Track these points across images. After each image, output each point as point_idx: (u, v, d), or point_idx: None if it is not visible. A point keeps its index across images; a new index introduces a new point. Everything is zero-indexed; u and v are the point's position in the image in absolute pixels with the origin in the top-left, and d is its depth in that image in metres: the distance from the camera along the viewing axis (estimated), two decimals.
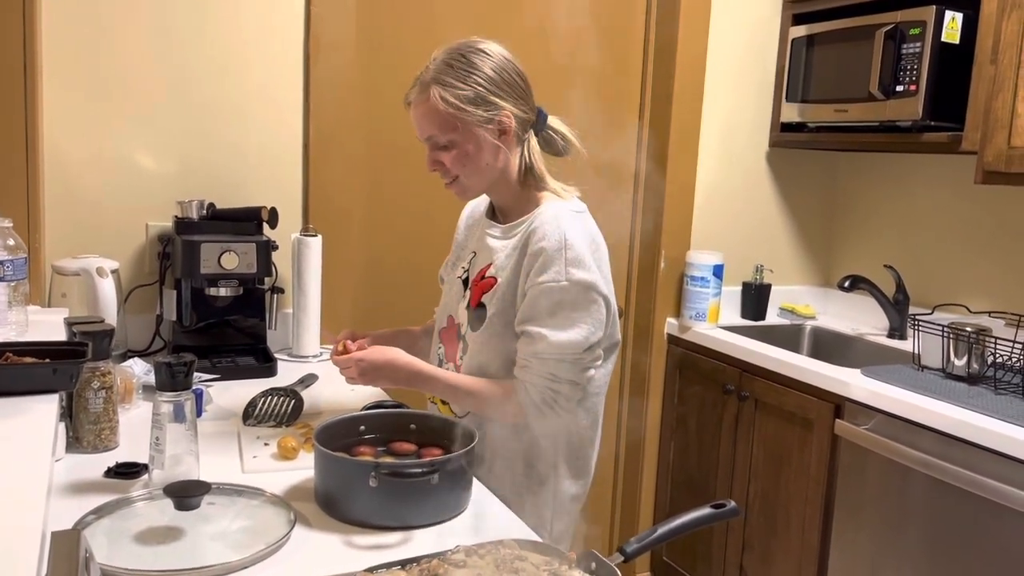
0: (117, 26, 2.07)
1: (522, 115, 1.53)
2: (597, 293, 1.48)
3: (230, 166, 2.23)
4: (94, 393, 1.43)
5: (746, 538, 2.51)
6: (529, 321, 1.48)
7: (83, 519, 1.16)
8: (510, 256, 1.54)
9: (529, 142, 1.57)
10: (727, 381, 2.55)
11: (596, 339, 1.49)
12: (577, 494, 1.63)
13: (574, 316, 1.46)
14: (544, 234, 1.48)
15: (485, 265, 1.59)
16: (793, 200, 2.98)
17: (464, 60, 1.50)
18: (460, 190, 1.59)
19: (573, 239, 1.47)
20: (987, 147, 2.10)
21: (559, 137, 1.60)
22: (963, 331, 2.11)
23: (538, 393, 1.48)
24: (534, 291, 1.47)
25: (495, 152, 1.52)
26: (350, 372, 1.53)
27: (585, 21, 2.65)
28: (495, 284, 1.55)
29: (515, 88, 1.52)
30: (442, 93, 1.48)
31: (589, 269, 1.47)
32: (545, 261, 1.46)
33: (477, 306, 1.57)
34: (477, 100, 1.48)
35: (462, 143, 1.51)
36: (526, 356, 1.49)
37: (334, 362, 1.56)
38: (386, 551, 1.16)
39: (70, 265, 1.96)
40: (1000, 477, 1.77)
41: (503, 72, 1.51)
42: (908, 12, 2.31)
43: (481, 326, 1.55)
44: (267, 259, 2.05)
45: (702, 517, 1.11)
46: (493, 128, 1.50)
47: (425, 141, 1.55)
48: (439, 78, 1.49)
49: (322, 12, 2.25)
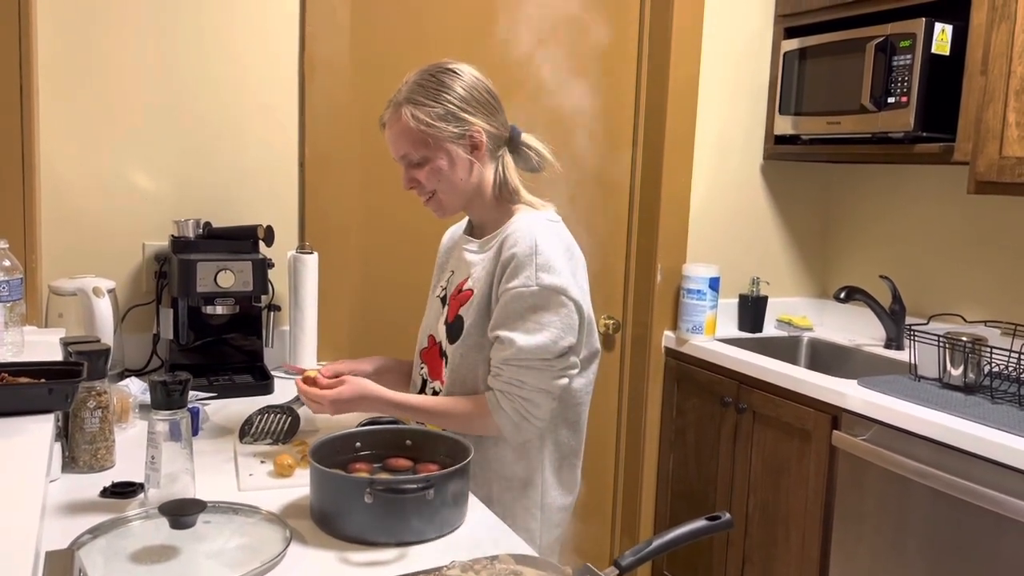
0: (113, 46, 2.09)
1: (493, 131, 1.57)
2: (568, 298, 1.49)
3: (226, 185, 2.24)
4: (90, 413, 1.43)
5: (746, 550, 2.50)
6: (500, 327, 1.50)
7: (79, 539, 1.16)
8: (485, 267, 1.57)
9: (503, 159, 1.60)
10: (725, 393, 2.55)
11: (567, 344, 1.50)
12: (565, 505, 1.63)
13: (543, 321, 1.48)
14: (515, 241, 1.51)
15: (463, 279, 1.61)
16: (788, 212, 2.99)
17: (434, 80, 1.55)
18: (437, 206, 1.61)
19: (544, 245, 1.50)
20: (979, 157, 2.11)
21: (533, 153, 1.64)
22: (959, 341, 2.11)
23: (508, 402, 1.49)
24: (505, 297, 1.49)
25: (468, 167, 1.56)
26: (322, 409, 1.55)
27: (577, 37, 2.67)
28: (471, 295, 1.57)
29: (485, 105, 1.56)
30: (413, 111, 1.53)
31: (559, 274, 1.49)
32: (516, 267, 1.49)
33: (455, 319, 1.58)
34: (447, 116, 1.53)
35: (434, 159, 1.54)
36: (497, 363, 1.51)
37: (302, 392, 1.57)
38: (382, 567, 1.16)
39: (66, 285, 1.97)
40: (998, 487, 1.77)
41: (473, 90, 1.56)
42: (898, 25, 2.33)
43: (458, 338, 1.56)
44: (263, 277, 2.05)
45: (697, 529, 1.11)
46: (465, 143, 1.55)
47: (400, 160, 1.59)
48: (411, 97, 1.54)
49: (316, 32, 2.27)
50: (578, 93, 2.68)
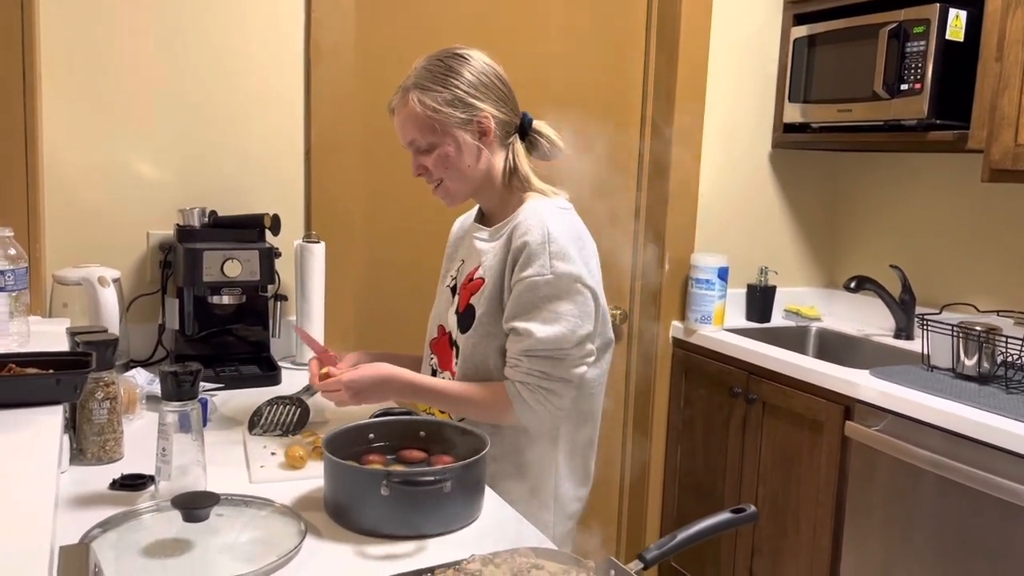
0: (117, 34, 2.06)
1: (503, 118, 1.55)
2: (583, 285, 1.48)
3: (232, 173, 2.21)
4: (98, 404, 1.41)
5: (756, 542, 2.48)
6: (516, 317, 1.47)
7: (90, 532, 1.14)
8: (496, 255, 1.54)
9: (514, 146, 1.58)
10: (734, 384, 2.53)
11: (585, 332, 1.48)
12: (578, 497, 1.62)
13: (561, 310, 1.45)
14: (527, 229, 1.48)
15: (473, 268, 1.59)
16: (797, 201, 2.97)
17: (443, 65, 1.52)
18: (445, 194, 1.59)
19: (556, 233, 1.47)
20: (993, 145, 2.09)
21: (545, 140, 1.61)
22: (973, 330, 2.10)
23: (529, 393, 1.47)
24: (519, 286, 1.46)
25: (476, 154, 1.54)
26: (340, 396, 1.51)
27: (585, 25, 2.64)
28: (483, 284, 1.54)
29: (494, 91, 1.54)
30: (421, 97, 1.51)
31: (574, 262, 1.47)
32: (529, 255, 1.46)
33: (466, 308, 1.56)
34: (455, 102, 1.50)
35: (442, 145, 1.52)
36: (515, 354, 1.48)
37: (318, 387, 1.54)
38: (399, 561, 1.14)
39: (71, 275, 1.94)
40: (1013, 476, 1.75)
41: (482, 76, 1.53)
42: (911, 11, 2.30)
43: (470, 328, 1.54)
44: (270, 266, 2.02)
45: (722, 522, 1.09)
46: (473, 129, 1.52)
47: (408, 146, 1.57)
48: (419, 83, 1.52)
49: (322, 18, 2.24)
50: (585, 83, 2.65)
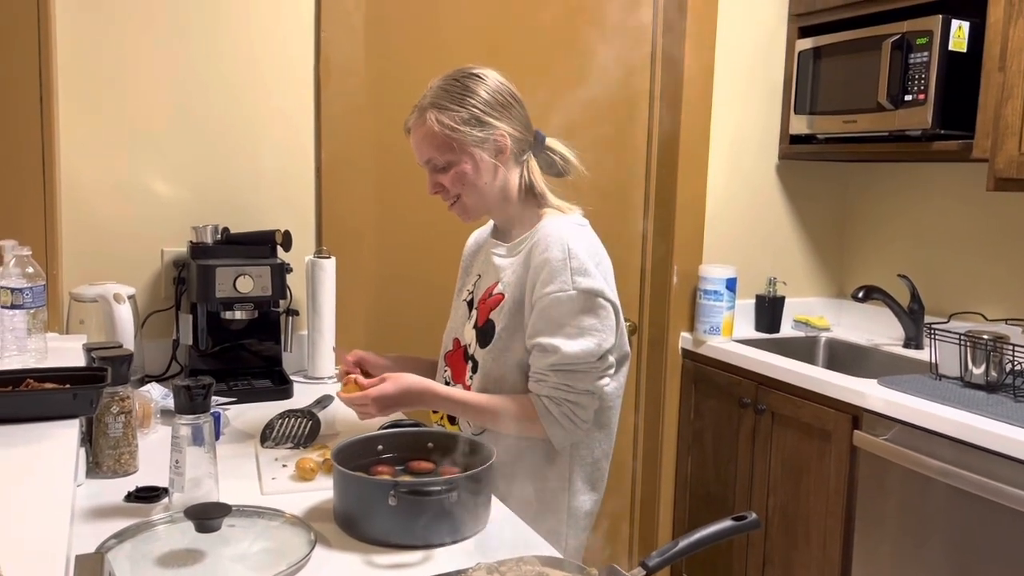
0: (131, 53, 2.10)
1: (518, 135, 1.57)
2: (605, 299, 1.50)
3: (244, 191, 2.25)
4: (113, 418, 1.44)
5: (767, 552, 2.49)
6: (540, 334, 1.49)
7: (105, 543, 1.16)
8: (516, 271, 1.56)
9: (528, 163, 1.60)
10: (743, 394, 2.54)
11: (609, 346, 1.50)
12: (591, 509, 1.63)
13: (585, 325, 1.47)
14: (547, 245, 1.50)
15: (492, 283, 1.60)
16: (804, 212, 2.98)
17: (459, 84, 1.54)
18: (462, 210, 1.61)
19: (577, 249, 1.49)
20: (998, 154, 2.10)
21: (558, 157, 1.63)
22: (981, 339, 2.10)
23: (556, 407, 1.49)
24: (542, 303, 1.48)
25: (493, 171, 1.56)
26: (367, 410, 1.50)
27: (592, 38, 2.67)
28: (503, 300, 1.56)
29: (510, 109, 1.56)
30: (438, 116, 1.52)
31: (594, 277, 1.49)
32: (551, 272, 1.48)
33: (485, 323, 1.58)
34: (472, 121, 1.52)
35: (459, 163, 1.54)
36: (541, 369, 1.49)
37: (347, 401, 1.51)
38: (407, 570, 1.17)
39: (87, 292, 1.98)
40: (1022, 485, 1.76)
41: (497, 94, 1.55)
42: (914, 22, 2.32)
43: (490, 343, 1.56)
44: (282, 282, 2.06)
45: (723, 530, 1.10)
46: (489, 148, 1.54)
47: (424, 165, 1.59)
48: (435, 102, 1.54)
49: (332, 36, 2.28)
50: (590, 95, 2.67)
